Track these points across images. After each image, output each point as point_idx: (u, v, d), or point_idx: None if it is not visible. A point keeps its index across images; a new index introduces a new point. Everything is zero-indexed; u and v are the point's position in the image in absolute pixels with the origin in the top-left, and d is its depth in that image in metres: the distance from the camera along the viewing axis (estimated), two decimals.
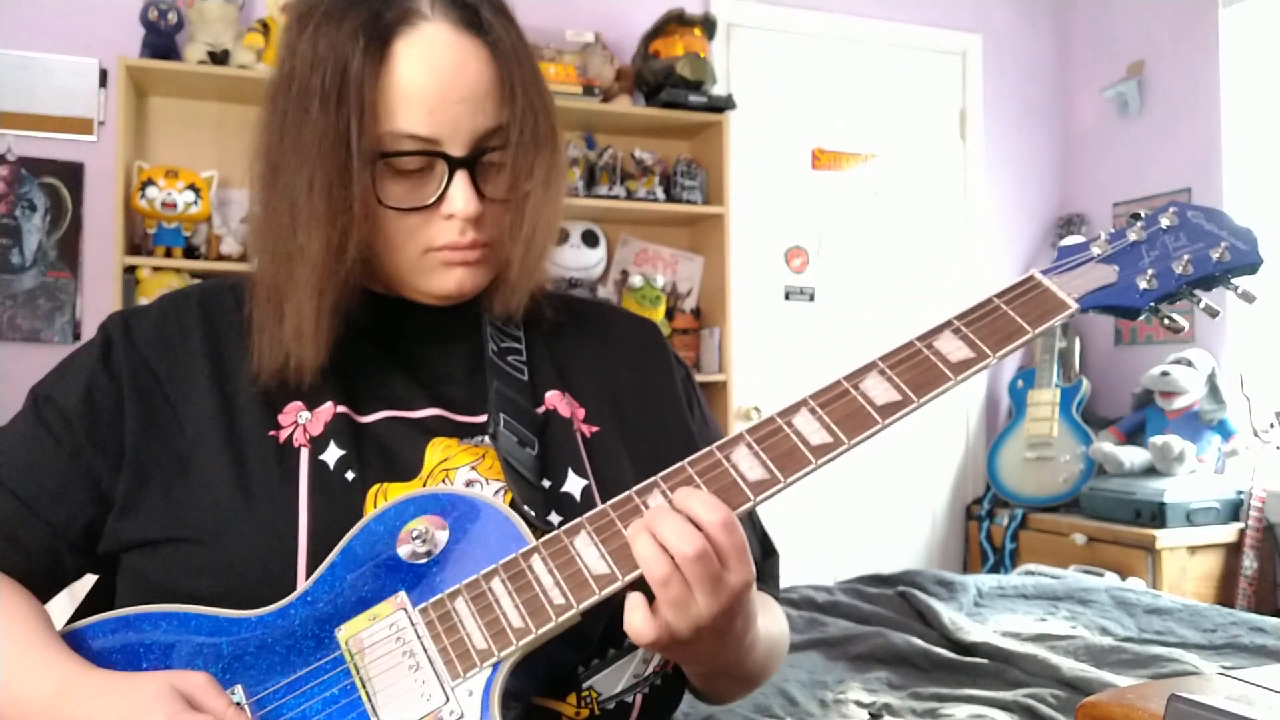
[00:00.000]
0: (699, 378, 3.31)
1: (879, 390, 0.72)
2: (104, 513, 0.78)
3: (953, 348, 0.73)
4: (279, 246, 0.77)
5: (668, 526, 0.65)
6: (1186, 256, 0.78)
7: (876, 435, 0.72)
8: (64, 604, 0.82)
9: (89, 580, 0.87)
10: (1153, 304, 0.78)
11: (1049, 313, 0.75)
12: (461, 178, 0.77)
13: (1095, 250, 0.79)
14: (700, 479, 0.70)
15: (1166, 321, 0.79)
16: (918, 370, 0.73)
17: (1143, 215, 0.81)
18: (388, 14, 0.75)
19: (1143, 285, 0.77)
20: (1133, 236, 0.80)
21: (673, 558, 0.65)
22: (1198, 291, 0.79)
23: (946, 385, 0.72)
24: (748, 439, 0.72)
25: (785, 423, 0.72)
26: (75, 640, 0.72)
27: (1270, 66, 3.38)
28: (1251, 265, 0.78)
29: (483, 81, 0.77)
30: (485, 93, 0.77)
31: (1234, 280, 0.79)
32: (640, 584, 0.68)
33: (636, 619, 0.66)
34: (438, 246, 0.79)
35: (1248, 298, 0.80)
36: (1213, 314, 0.80)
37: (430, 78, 0.75)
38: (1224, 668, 1.65)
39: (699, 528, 0.66)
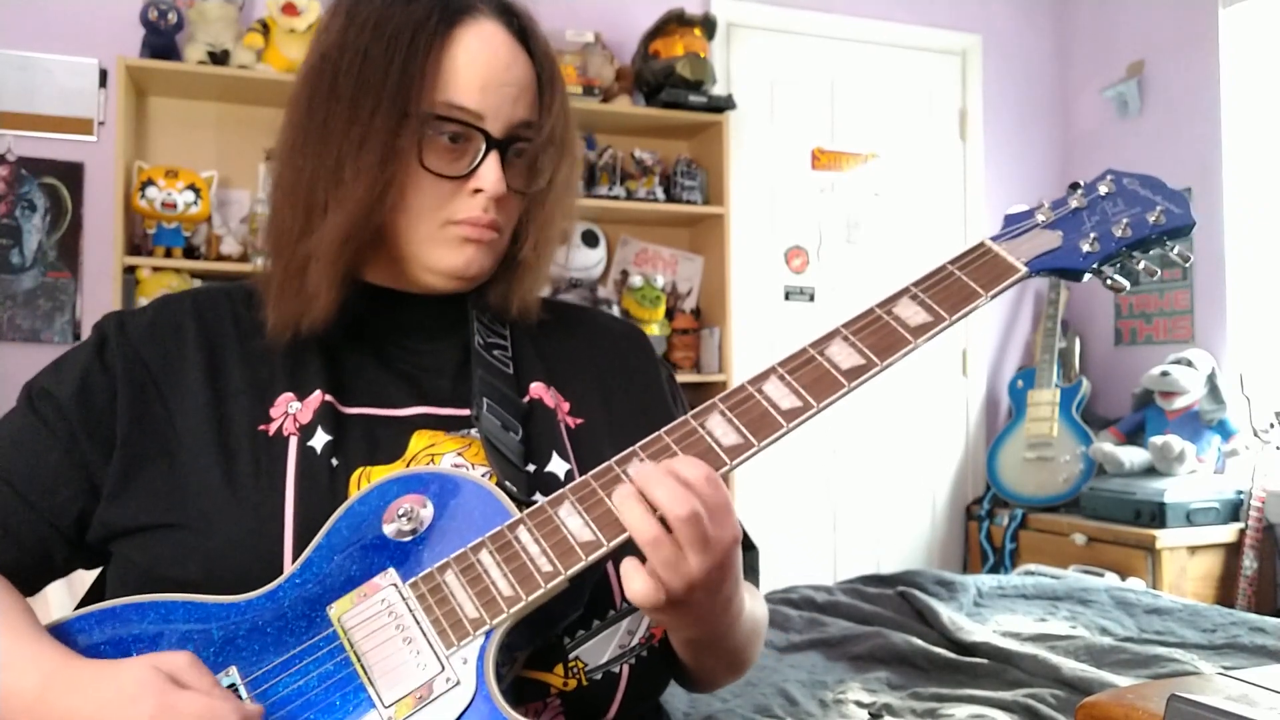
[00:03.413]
0: (699, 378, 3.32)
1: (844, 355, 0.76)
2: (95, 503, 0.79)
3: (911, 312, 0.78)
4: (319, 199, 0.81)
5: (659, 489, 0.67)
6: (1125, 220, 0.82)
7: (844, 398, 0.76)
8: (64, 600, 0.82)
9: (81, 583, 0.87)
10: (1095, 265, 0.82)
11: (1000, 276, 0.79)
12: (494, 158, 0.83)
13: (1040, 217, 0.83)
14: (677, 446, 0.73)
15: (1109, 282, 0.83)
16: (879, 335, 0.77)
17: (1082, 184, 0.85)
18: (454, 3, 0.83)
19: (1085, 248, 0.81)
20: (1074, 204, 0.84)
21: (662, 520, 0.67)
22: (1136, 253, 0.84)
23: (907, 348, 0.76)
24: (720, 406, 0.75)
25: (756, 389, 0.75)
26: (62, 634, 0.72)
27: (1270, 66, 3.38)
28: (1185, 227, 0.82)
29: (526, 78, 0.85)
30: (527, 87, 0.85)
31: (1169, 242, 0.84)
32: (625, 548, 0.70)
33: (636, 584, 0.68)
34: (458, 220, 0.84)
35: (1183, 257, 0.85)
36: (1150, 274, 0.84)
37: (485, 61, 0.82)
38: (1224, 668, 1.65)
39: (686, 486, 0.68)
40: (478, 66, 0.82)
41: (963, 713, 1.53)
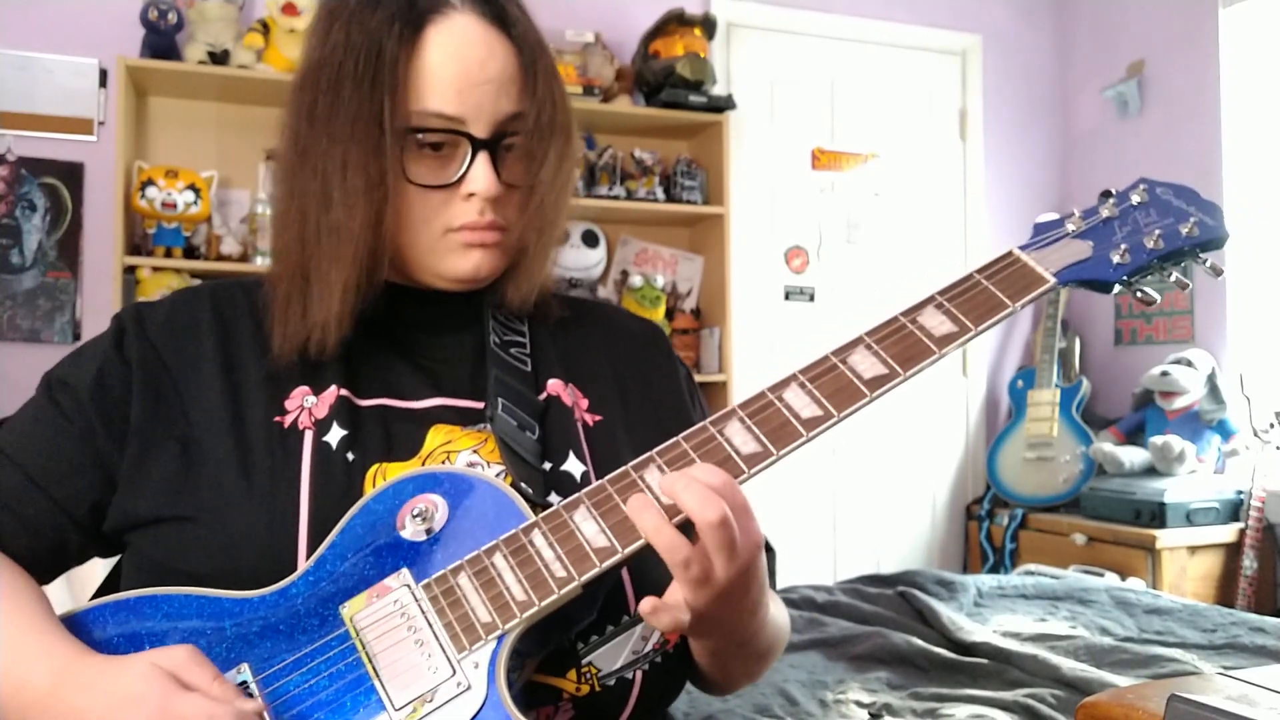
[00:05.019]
0: (699, 378, 3.32)
1: (866, 364, 0.75)
2: (111, 493, 0.80)
3: (936, 322, 0.76)
4: (311, 225, 0.80)
5: (688, 494, 0.67)
6: (1157, 232, 0.80)
7: (864, 408, 0.74)
8: (63, 597, 0.82)
9: (89, 577, 0.87)
10: (1125, 277, 0.80)
11: (1028, 287, 0.77)
12: (483, 159, 0.80)
13: (1070, 226, 0.81)
14: (695, 453, 0.72)
15: (1139, 294, 0.82)
16: (903, 344, 0.75)
17: (1114, 192, 0.83)
18: (420, 3, 0.80)
19: (1116, 259, 0.79)
20: (1105, 213, 0.82)
21: (691, 539, 0.67)
22: (1168, 265, 0.82)
23: (931, 358, 0.75)
24: (740, 413, 0.74)
25: (776, 397, 0.74)
26: (76, 625, 0.72)
27: (1270, 66, 3.38)
28: (1218, 240, 0.80)
29: (507, 69, 0.81)
30: (509, 79, 0.81)
31: (1202, 254, 0.82)
32: (640, 553, 0.69)
33: (664, 622, 0.68)
34: (457, 227, 0.82)
35: (1215, 270, 0.83)
36: (1182, 286, 0.83)
37: (459, 61, 0.79)
38: (1224, 668, 1.65)
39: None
40: (451, 67, 0.79)
41: (963, 713, 1.53)
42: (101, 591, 0.85)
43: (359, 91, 0.77)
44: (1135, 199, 0.82)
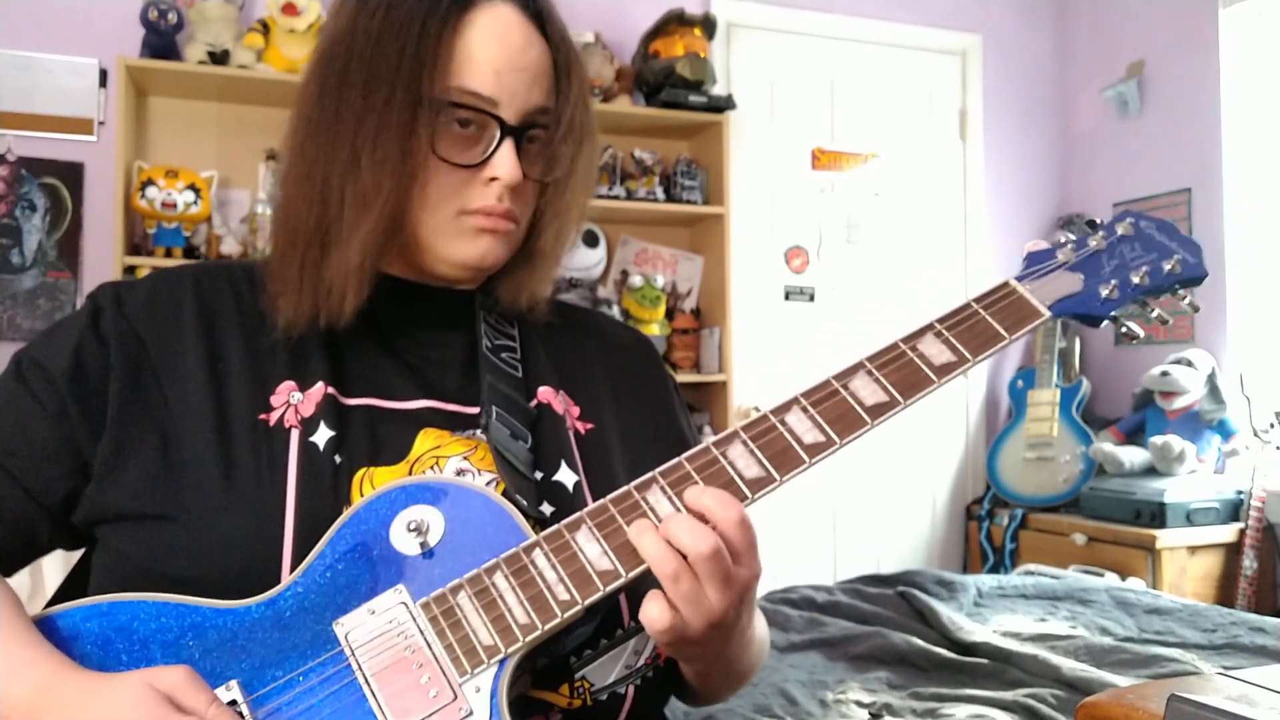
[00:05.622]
0: (699, 378, 3.32)
1: (867, 391, 0.75)
2: (84, 482, 0.76)
3: (935, 351, 0.77)
4: (335, 193, 0.79)
5: (679, 526, 0.67)
6: (1144, 268, 0.82)
7: (864, 435, 0.75)
8: (59, 579, 0.81)
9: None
10: (1113, 313, 0.82)
11: (1024, 319, 0.79)
12: (509, 145, 0.80)
13: (1061, 257, 0.83)
14: (698, 475, 0.72)
15: (1124, 330, 0.84)
16: (903, 372, 0.76)
17: (1100, 224, 0.85)
18: None
19: (1105, 294, 0.81)
20: (1093, 244, 0.84)
21: (683, 555, 0.66)
22: (1150, 300, 0.84)
23: (930, 388, 0.75)
24: (743, 436, 0.73)
25: (779, 421, 0.74)
26: (51, 629, 0.69)
27: (1270, 66, 3.38)
28: (1198, 278, 0.83)
29: (542, 62, 0.83)
30: (543, 72, 0.83)
31: (1180, 289, 0.84)
32: (643, 578, 0.69)
33: (653, 609, 0.67)
34: (472, 209, 0.81)
35: (1194, 307, 0.85)
36: (1163, 322, 0.85)
37: (499, 45, 0.80)
38: (1224, 668, 1.65)
39: (713, 524, 0.68)
40: (491, 51, 0.79)
41: (963, 713, 1.53)
42: (65, 589, 0.81)
43: (401, 59, 0.77)
44: (1121, 231, 0.84)
